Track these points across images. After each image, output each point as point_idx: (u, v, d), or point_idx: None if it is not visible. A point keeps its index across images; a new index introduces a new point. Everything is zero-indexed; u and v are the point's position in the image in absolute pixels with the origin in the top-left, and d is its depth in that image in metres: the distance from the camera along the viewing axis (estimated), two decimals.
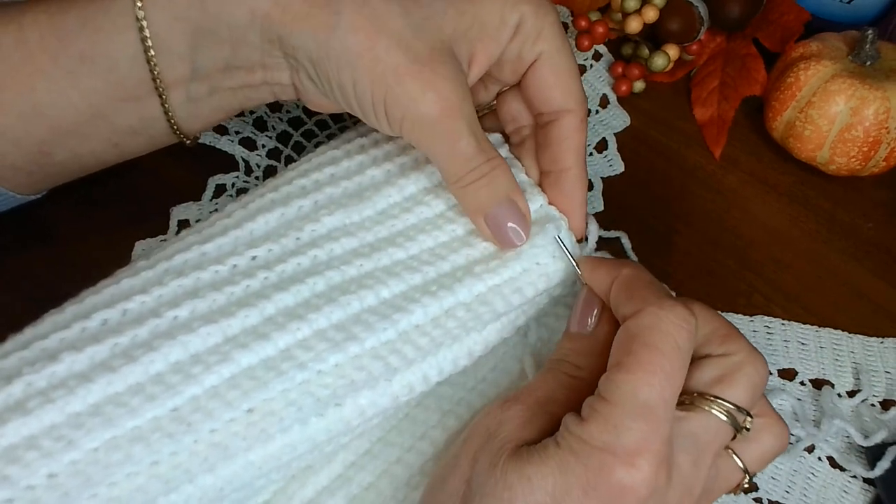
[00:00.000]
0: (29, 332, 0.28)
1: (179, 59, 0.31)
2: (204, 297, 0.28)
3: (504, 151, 0.34)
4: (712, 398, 0.27)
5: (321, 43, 0.29)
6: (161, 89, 0.32)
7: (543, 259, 0.31)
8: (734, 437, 0.27)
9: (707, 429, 0.27)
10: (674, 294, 0.29)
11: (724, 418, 0.27)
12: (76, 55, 0.31)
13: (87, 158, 0.34)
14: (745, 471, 0.28)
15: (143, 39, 0.30)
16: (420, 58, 0.28)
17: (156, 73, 0.31)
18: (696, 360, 0.28)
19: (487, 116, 0.36)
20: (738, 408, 0.27)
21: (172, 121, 0.33)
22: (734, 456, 0.28)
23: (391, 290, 0.30)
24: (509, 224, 0.31)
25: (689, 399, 0.27)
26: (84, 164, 0.35)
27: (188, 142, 0.35)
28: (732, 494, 0.29)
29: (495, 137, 0.35)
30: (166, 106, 0.32)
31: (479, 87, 0.35)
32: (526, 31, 0.31)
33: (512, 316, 0.31)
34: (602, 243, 0.43)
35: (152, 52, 0.30)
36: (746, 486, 0.29)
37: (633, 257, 0.43)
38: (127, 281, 0.29)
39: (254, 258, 0.30)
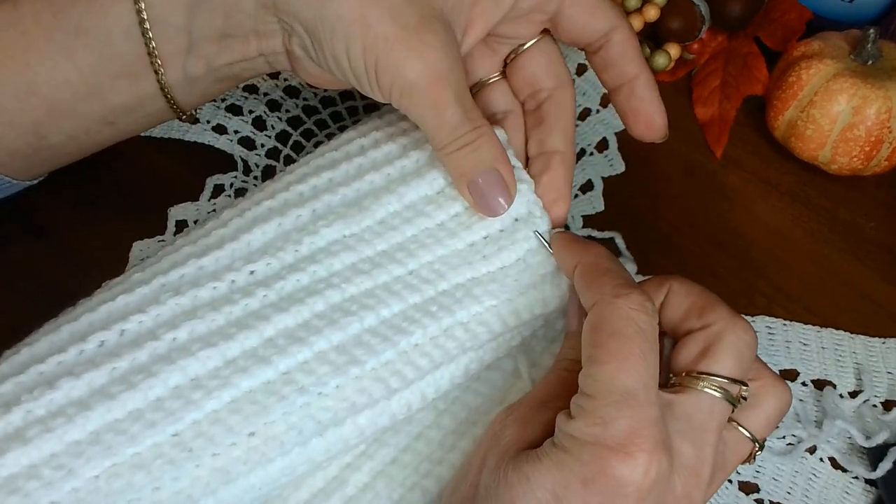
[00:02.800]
0: (25, 352, 0.28)
1: (175, 30, 0.31)
2: (202, 318, 0.28)
3: (512, 159, 0.32)
4: (699, 375, 0.26)
5: (315, 11, 0.29)
6: (157, 64, 0.31)
7: (541, 282, 0.31)
8: (733, 411, 0.27)
9: (700, 408, 0.26)
10: (633, 275, 0.28)
11: (716, 394, 0.26)
12: (71, 29, 0.30)
13: (83, 139, 0.34)
14: (754, 439, 0.28)
15: (139, 10, 0.30)
16: (409, 25, 0.28)
17: (151, 46, 0.31)
18: (679, 337, 0.28)
19: (495, 85, 0.35)
20: (730, 379, 0.26)
21: (169, 95, 0.33)
22: (739, 427, 0.28)
23: (391, 310, 0.29)
24: (494, 192, 0.30)
25: (677, 380, 0.27)
26: (80, 144, 0.34)
27: (184, 117, 0.35)
28: (748, 464, 0.29)
29: (499, 135, 0.33)
30: (162, 81, 0.32)
31: (487, 52, 0.34)
32: None
33: (508, 336, 0.31)
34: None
35: (147, 25, 0.30)
36: (758, 452, 0.28)
37: (628, 256, 0.43)
38: (123, 298, 0.29)
39: (252, 273, 0.30)
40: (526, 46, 0.33)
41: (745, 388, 0.27)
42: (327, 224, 0.31)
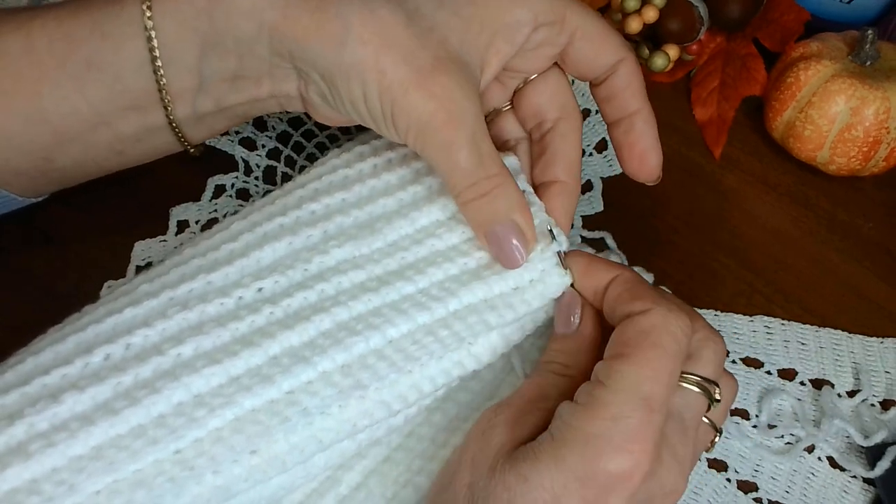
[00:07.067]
0: (30, 362, 0.28)
1: (187, 69, 0.31)
2: (208, 334, 0.28)
3: (522, 183, 0.32)
4: (686, 374, 0.28)
5: (331, 58, 0.29)
6: (166, 100, 0.32)
7: (548, 303, 0.31)
8: (708, 409, 0.29)
9: (688, 403, 0.28)
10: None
11: (700, 391, 0.28)
12: (83, 62, 0.31)
13: (90, 165, 0.34)
14: (715, 428, 0.30)
15: (151, 49, 0.30)
16: (424, 68, 0.29)
17: (162, 83, 0.31)
18: None
19: (508, 113, 0.35)
20: (709, 381, 0.28)
21: (177, 129, 0.33)
22: (703, 418, 0.29)
23: (399, 330, 0.29)
24: (511, 244, 0.30)
25: None
26: (87, 170, 0.35)
27: (192, 150, 0.35)
28: (708, 451, 0.31)
29: (511, 162, 0.33)
30: (171, 116, 0.32)
31: (497, 87, 0.34)
32: (548, 20, 0.31)
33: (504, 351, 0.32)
34: (587, 243, 0.43)
35: (159, 63, 0.30)
36: (717, 440, 0.31)
37: (618, 252, 0.43)
38: (130, 310, 0.29)
39: (260, 290, 0.30)
40: (532, 77, 0.34)
41: (718, 389, 0.29)
42: (338, 244, 0.31)
